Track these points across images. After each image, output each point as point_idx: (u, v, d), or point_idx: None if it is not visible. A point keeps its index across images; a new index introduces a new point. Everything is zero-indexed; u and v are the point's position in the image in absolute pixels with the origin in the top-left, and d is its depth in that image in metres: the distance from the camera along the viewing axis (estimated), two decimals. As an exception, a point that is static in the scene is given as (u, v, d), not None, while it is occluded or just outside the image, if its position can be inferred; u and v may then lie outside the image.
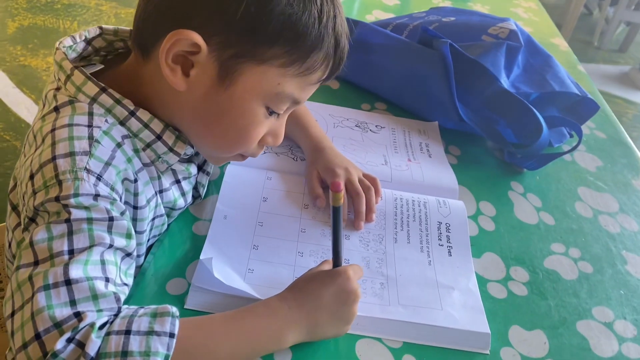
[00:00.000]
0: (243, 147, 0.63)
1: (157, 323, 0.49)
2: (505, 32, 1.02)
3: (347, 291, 0.59)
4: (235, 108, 0.58)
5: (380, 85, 1.04)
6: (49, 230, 0.51)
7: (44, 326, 0.46)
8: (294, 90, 0.59)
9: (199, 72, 0.56)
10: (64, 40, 0.62)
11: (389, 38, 1.02)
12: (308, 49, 0.57)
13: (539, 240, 0.80)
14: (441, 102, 0.95)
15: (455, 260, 0.71)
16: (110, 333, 0.47)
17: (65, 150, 0.54)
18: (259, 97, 0.58)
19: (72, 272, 0.49)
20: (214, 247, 0.66)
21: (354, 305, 0.59)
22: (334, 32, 0.58)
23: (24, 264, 0.50)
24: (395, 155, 0.89)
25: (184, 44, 0.54)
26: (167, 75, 0.56)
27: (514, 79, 1.03)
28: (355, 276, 0.60)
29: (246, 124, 0.60)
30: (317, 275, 0.60)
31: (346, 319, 0.59)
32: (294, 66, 0.57)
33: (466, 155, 0.94)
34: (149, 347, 0.47)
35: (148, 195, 0.62)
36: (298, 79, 0.58)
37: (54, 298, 0.48)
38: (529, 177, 0.92)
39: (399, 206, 0.77)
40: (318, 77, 0.60)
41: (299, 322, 0.56)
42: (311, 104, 0.97)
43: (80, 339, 0.46)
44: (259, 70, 0.56)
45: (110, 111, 0.58)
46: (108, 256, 0.52)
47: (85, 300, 0.48)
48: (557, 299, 0.71)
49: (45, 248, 0.50)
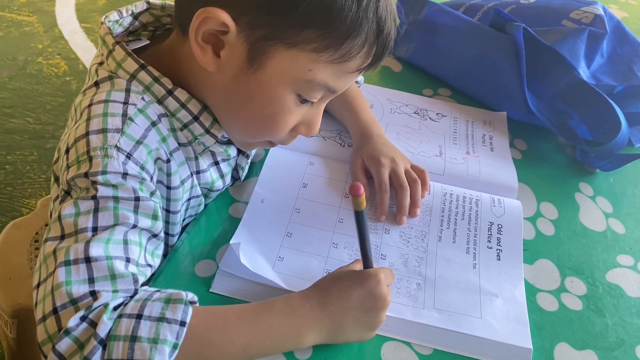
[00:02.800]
0: (271, 135, 0.60)
1: (169, 310, 0.48)
2: (590, 17, 0.93)
3: (376, 296, 0.55)
4: (262, 93, 0.56)
5: (445, 70, 0.98)
6: (76, 205, 0.51)
7: (61, 301, 0.47)
8: (328, 78, 0.55)
9: (228, 53, 0.54)
10: (110, 14, 0.62)
11: (458, 19, 0.95)
12: (343, 34, 0.52)
13: (604, 250, 0.72)
14: (509, 91, 0.88)
15: (503, 266, 0.66)
16: (122, 316, 0.47)
17: (98, 127, 0.54)
18: (289, 83, 0.55)
19: (92, 250, 0.49)
20: (248, 230, 0.65)
21: (382, 312, 0.55)
22: (376, 17, 0.53)
23: (51, 237, 0.51)
24: (453, 146, 0.83)
25: (213, 23, 0.52)
26: (198, 54, 0.54)
27: (596, 69, 0.93)
28: (387, 281, 0.57)
29: (274, 111, 0.57)
30: (345, 275, 0.57)
31: (372, 326, 0.56)
32: (328, 52, 0.53)
33: (533, 150, 0.87)
34: (158, 334, 0.46)
35: (183, 175, 0.62)
36: (333, 66, 0.54)
37: (73, 274, 0.48)
38: (602, 178, 0.83)
39: (447, 202, 0.72)
40: (357, 66, 0.56)
41: (319, 323, 0.53)
42: (369, 87, 0.93)
43: (93, 319, 0.46)
44: (289, 54, 0.53)
45: (148, 89, 0.58)
46: (132, 236, 0.52)
47: (103, 279, 0.48)
48: (616, 317, 0.64)
49: (71, 223, 0.50)
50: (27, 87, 1.94)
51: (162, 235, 0.56)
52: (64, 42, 2.18)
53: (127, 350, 0.45)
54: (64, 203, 0.52)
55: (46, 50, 2.13)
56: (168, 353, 0.46)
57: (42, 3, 2.38)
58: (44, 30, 2.23)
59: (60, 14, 2.33)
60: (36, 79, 1.99)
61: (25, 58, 2.07)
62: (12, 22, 2.27)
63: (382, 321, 0.56)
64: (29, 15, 2.31)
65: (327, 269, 0.62)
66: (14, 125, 1.80)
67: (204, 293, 0.59)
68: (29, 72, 2.01)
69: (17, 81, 1.97)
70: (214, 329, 0.50)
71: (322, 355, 0.55)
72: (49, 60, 2.08)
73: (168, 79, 0.58)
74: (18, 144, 1.73)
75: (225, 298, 0.59)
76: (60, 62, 2.07)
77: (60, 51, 2.12)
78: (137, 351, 0.45)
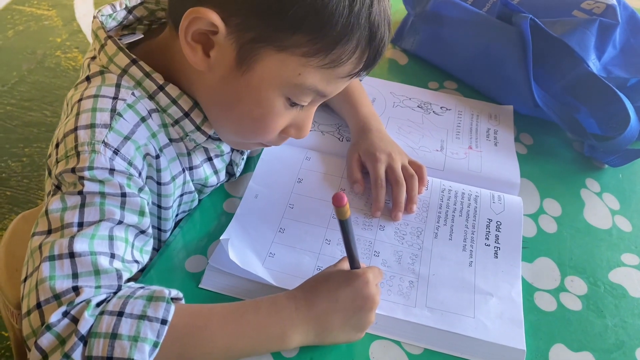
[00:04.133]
0: (259, 137, 0.59)
1: (150, 307, 0.47)
2: (601, 7, 0.90)
3: (364, 296, 0.54)
4: (251, 96, 0.55)
5: (451, 63, 0.97)
6: (63, 200, 0.51)
7: (45, 296, 0.47)
8: (317, 83, 0.54)
9: (218, 53, 0.53)
10: (104, 8, 0.62)
11: (464, 11, 0.93)
12: (334, 39, 0.51)
13: (608, 249, 0.70)
14: (516, 84, 0.86)
15: (500, 264, 0.64)
16: (104, 313, 0.47)
17: (87, 122, 0.54)
18: (278, 86, 0.54)
19: (76, 246, 0.49)
20: (240, 226, 0.64)
21: (371, 313, 0.54)
22: (369, 22, 0.52)
23: (38, 232, 0.51)
24: (455, 141, 0.82)
25: (202, 23, 0.51)
26: (187, 53, 0.54)
27: (608, 62, 0.90)
28: (375, 280, 0.56)
29: (263, 114, 0.56)
30: (333, 275, 0.56)
31: (360, 326, 0.55)
32: (318, 57, 0.52)
33: (539, 145, 0.85)
34: (139, 331, 0.46)
35: (174, 171, 0.61)
36: (323, 70, 0.53)
37: (57, 269, 0.48)
38: (609, 174, 0.81)
39: (445, 198, 0.71)
40: (348, 71, 0.54)
41: (305, 324, 0.53)
42: (373, 80, 0.92)
43: (74, 315, 0.46)
44: (279, 57, 0.52)
45: (139, 84, 0.57)
46: (118, 232, 0.52)
47: (87, 275, 0.48)
48: (617, 318, 0.62)
49: (57, 218, 0.51)
50: (45, 81, 1.97)
51: (150, 231, 0.56)
52: (82, 36, 2.20)
53: (107, 348, 0.45)
54: (52, 197, 0.52)
55: (64, 43, 2.15)
56: (148, 351, 0.46)
57: (61, -3, 2.41)
58: (63, 24, 2.26)
59: (79, 8, 2.36)
60: (54, 72, 2.01)
61: (44, 52, 2.10)
62: (32, 16, 2.30)
63: (371, 322, 0.55)
64: (48, 9, 2.34)
65: (319, 265, 0.62)
66: (31, 118, 1.83)
67: (193, 289, 0.59)
68: (48, 65, 2.04)
69: (36, 74, 2.00)
70: (196, 328, 0.50)
71: (309, 354, 0.55)
72: (67, 53, 2.10)
73: (159, 75, 0.57)
74: (35, 136, 1.76)
75: (214, 294, 0.59)
76: (78, 56, 2.10)
77: (78, 45, 2.15)
78: (117, 349, 0.45)
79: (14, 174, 1.64)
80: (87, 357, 0.45)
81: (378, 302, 0.55)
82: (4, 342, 1.25)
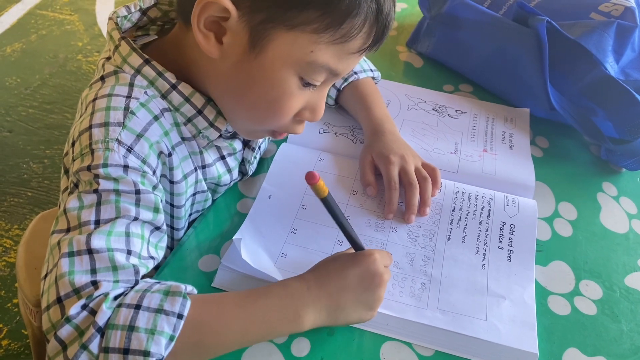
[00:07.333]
0: (275, 121, 0.60)
1: (167, 302, 0.48)
2: (620, 9, 0.89)
3: (372, 273, 0.55)
4: (265, 77, 0.56)
5: (467, 65, 0.96)
6: (80, 199, 0.52)
7: (65, 291, 0.48)
8: (329, 60, 0.55)
9: (231, 39, 0.54)
10: (119, 10, 0.63)
11: (480, 13, 0.93)
12: (343, 14, 0.52)
13: (624, 253, 0.69)
14: (532, 87, 0.85)
15: (514, 267, 0.64)
16: (122, 305, 0.47)
17: (100, 120, 0.55)
18: (291, 65, 0.55)
19: (94, 242, 0.50)
20: (253, 226, 0.65)
21: (379, 289, 0.55)
22: None
23: (57, 230, 0.52)
24: (470, 144, 0.81)
25: (214, 9, 0.52)
26: (200, 41, 0.55)
27: (626, 64, 0.89)
28: (383, 261, 0.57)
29: (277, 96, 0.57)
30: (341, 256, 0.57)
31: (371, 304, 0.55)
32: (328, 32, 0.53)
33: (555, 148, 0.84)
34: (155, 325, 0.47)
35: (185, 170, 0.62)
36: (334, 47, 0.54)
37: (76, 264, 0.49)
38: (627, 178, 0.80)
39: (459, 200, 0.70)
40: (358, 46, 0.55)
41: (318, 303, 0.53)
42: (388, 83, 0.92)
43: (93, 307, 0.47)
44: (290, 36, 0.53)
45: (152, 83, 0.58)
46: (134, 229, 0.53)
47: (105, 270, 0.49)
48: (632, 323, 0.61)
49: (75, 216, 0.52)
50: (66, 84, 2.01)
51: (165, 227, 0.57)
52: (103, 40, 2.23)
53: (124, 340, 0.46)
54: (70, 196, 0.53)
55: (85, 47, 2.19)
56: (164, 344, 0.47)
57: (83, 2, 2.45)
58: (84, 28, 2.30)
59: (100, 12, 2.40)
60: (75, 75, 2.05)
61: (65, 55, 2.14)
62: (55, 20, 2.34)
63: (380, 299, 0.56)
64: (71, 14, 2.39)
65: (330, 266, 0.62)
66: (53, 120, 1.86)
67: (206, 287, 0.59)
68: (69, 69, 2.08)
69: (58, 78, 2.03)
70: (211, 316, 0.50)
71: (320, 354, 0.55)
72: (88, 57, 2.14)
73: (172, 74, 0.58)
74: (56, 138, 1.79)
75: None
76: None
77: (99, 49, 2.18)
78: (134, 341, 0.46)
79: (35, 175, 1.67)
80: (103, 348, 0.46)
81: (387, 280, 0.56)
82: (24, 339, 1.27)
